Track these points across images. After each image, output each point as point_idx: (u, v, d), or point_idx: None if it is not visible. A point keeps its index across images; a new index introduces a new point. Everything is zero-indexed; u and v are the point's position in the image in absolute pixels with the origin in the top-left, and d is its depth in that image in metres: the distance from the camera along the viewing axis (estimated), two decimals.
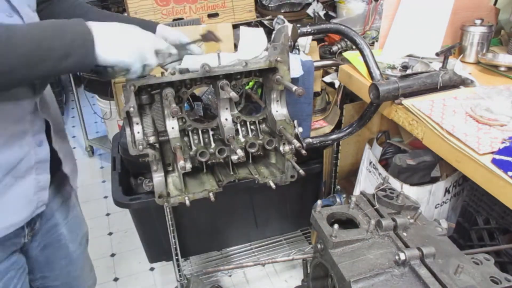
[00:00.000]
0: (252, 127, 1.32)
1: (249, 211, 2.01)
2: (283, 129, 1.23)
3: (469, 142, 1.06)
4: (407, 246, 0.92)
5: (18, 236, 1.01)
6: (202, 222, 1.89)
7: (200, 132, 1.26)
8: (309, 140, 1.44)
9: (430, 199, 1.45)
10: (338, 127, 1.78)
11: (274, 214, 2.10)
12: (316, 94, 1.81)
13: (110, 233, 2.55)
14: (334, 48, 1.90)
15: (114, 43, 0.85)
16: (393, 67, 1.50)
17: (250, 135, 1.31)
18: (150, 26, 1.15)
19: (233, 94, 1.10)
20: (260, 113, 1.34)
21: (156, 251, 2.02)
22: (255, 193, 1.90)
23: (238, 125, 1.29)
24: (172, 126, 1.17)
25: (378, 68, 1.36)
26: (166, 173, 1.27)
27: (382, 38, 1.62)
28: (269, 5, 2.26)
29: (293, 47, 1.60)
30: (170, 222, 1.80)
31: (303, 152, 1.23)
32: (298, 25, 1.43)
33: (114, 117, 2.79)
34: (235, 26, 2.13)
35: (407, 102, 1.27)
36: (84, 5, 1.17)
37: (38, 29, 0.78)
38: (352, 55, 1.57)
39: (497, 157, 0.99)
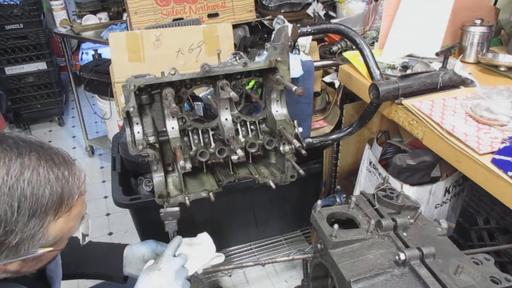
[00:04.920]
0: (252, 127, 1.32)
1: (249, 211, 2.01)
2: (283, 129, 1.23)
3: (469, 142, 1.06)
4: (407, 246, 0.92)
5: None
6: (202, 222, 1.89)
7: (200, 132, 1.26)
8: (309, 140, 1.44)
9: (430, 199, 1.45)
10: (338, 127, 1.78)
11: (274, 214, 2.10)
12: (316, 94, 1.81)
13: (110, 233, 2.54)
14: (334, 48, 1.90)
15: None
16: (393, 67, 1.50)
17: (250, 135, 1.31)
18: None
19: (233, 94, 1.10)
20: (260, 113, 1.34)
21: None
22: (255, 193, 1.90)
23: (238, 125, 1.29)
24: (172, 126, 1.17)
25: (378, 68, 1.36)
26: (166, 173, 1.27)
27: (382, 38, 1.62)
28: (269, 5, 2.26)
29: (293, 47, 1.60)
30: None
31: (303, 152, 1.23)
32: (298, 25, 1.43)
33: (114, 117, 2.79)
34: (235, 26, 2.13)
35: (407, 102, 1.27)
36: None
37: None
38: (352, 55, 1.57)
39: (497, 157, 0.99)
